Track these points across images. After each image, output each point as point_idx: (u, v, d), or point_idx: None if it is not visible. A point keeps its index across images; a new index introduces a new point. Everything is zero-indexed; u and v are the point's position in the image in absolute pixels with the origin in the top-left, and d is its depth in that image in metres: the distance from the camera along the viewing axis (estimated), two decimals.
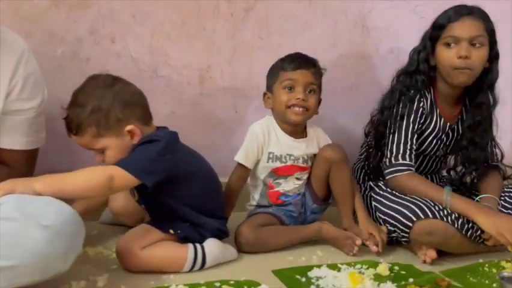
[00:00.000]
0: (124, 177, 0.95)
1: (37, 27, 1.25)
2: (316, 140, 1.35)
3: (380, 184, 1.40)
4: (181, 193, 1.07)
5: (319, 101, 1.33)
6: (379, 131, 1.39)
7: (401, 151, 1.29)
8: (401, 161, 1.28)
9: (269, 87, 1.31)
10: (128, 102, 1.02)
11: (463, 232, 1.19)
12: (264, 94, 1.32)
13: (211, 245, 1.11)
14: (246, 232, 1.19)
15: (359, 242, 1.21)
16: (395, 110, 1.33)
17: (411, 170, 1.28)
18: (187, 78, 1.44)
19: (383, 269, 1.14)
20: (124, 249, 1.03)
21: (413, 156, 1.29)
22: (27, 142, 1.00)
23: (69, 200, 0.91)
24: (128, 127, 1.01)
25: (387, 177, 1.30)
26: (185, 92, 1.45)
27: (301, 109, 1.26)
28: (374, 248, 1.23)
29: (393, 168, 1.29)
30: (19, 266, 0.76)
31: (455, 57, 1.23)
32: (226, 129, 1.52)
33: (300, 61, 1.27)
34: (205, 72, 1.45)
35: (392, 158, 1.29)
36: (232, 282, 1.04)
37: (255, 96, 1.52)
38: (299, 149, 1.31)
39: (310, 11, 1.54)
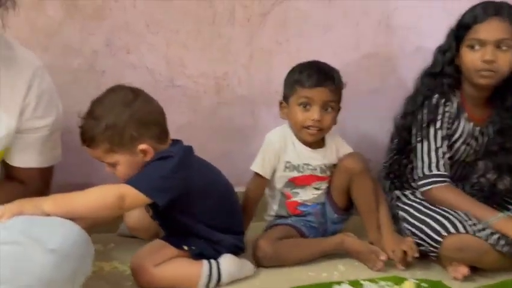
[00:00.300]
0: (135, 196, 0.94)
1: (53, 40, 1.26)
2: (335, 149, 1.29)
3: (407, 193, 1.33)
4: (195, 210, 1.05)
5: (338, 109, 1.27)
6: (403, 137, 1.32)
7: (434, 160, 1.22)
8: (435, 172, 1.21)
9: (285, 98, 1.26)
10: (145, 121, 1.00)
11: (498, 248, 1.10)
12: (280, 103, 1.27)
13: (227, 261, 1.08)
14: (264, 246, 1.15)
15: (383, 257, 1.15)
16: (419, 116, 1.25)
17: (447, 181, 1.21)
18: (204, 87, 1.41)
19: (408, 286, 1.08)
20: (138, 266, 1.02)
21: (447, 165, 1.22)
22: (41, 160, 1.00)
23: None
24: (142, 146, 0.99)
25: (420, 190, 1.24)
26: (202, 101, 1.42)
27: (315, 130, 1.21)
28: (398, 266, 1.16)
29: (427, 180, 1.22)
30: None
31: (479, 61, 1.15)
32: (245, 137, 1.48)
33: (318, 77, 1.20)
34: (221, 80, 1.42)
35: (425, 169, 1.22)
36: None
37: (274, 103, 1.45)
38: (316, 159, 1.26)
39: (330, 12, 1.47)
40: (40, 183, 1.01)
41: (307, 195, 1.27)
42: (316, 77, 1.20)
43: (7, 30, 1.05)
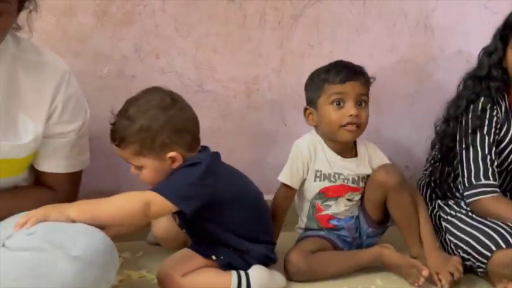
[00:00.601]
0: (161, 204, 0.91)
1: (84, 46, 1.26)
2: (368, 158, 1.21)
3: (450, 203, 1.25)
4: (223, 218, 1.00)
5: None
6: (445, 143, 1.24)
7: (482, 169, 1.13)
8: (483, 181, 1.13)
9: (311, 102, 1.18)
10: (179, 129, 0.97)
11: None
12: (305, 110, 1.20)
13: (257, 273, 1.03)
14: (296, 260, 1.09)
15: (425, 272, 1.07)
16: (464, 121, 1.17)
17: (496, 191, 1.12)
18: (234, 92, 1.38)
19: None
20: (165, 276, 0.99)
21: (495, 174, 1.13)
22: (69, 165, 0.98)
23: None
24: (171, 154, 0.96)
25: (468, 200, 1.15)
26: (231, 106, 1.39)
27: (354, 126, 1.13)
28: (424, 273, 1.07)
29: (475, 190, 1.13)
30: None
31: None
32: (275, 143, 1.43)
33: (347, 72, 1.14)
34: (251, 85, 1.38)
35: (472, 178, 1.14)
36: None
37: None
38: (349, 169, 1.18)
39: (365, 13, 1.41)
40: (68, 188, 0.99)
41: (339, 207, 1.19)
42: (346, 71, 1.14)
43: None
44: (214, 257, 1.01)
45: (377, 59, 1.41)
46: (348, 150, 1.20)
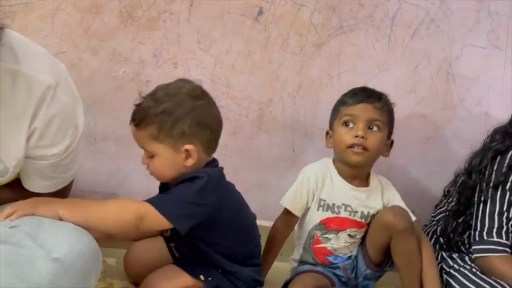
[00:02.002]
0: (156, 219, 0.86)
1: (104, 45, 1.25)
2: (381, 192, 1.17)
3: (454, 256, 1.20)
4: (217, 240, 0.96)
5: (390, 143, 1.17)
6: (464, 195, 1.19)
7: (496, 225, 1.09)
8: (495, 239, 1.08)
9: (330, 125, 1.19)
10: (203, 123, 0.93)
11: None
12: (327, 133, 1.19)
13: None
14: None
15: None
16: (487, 173, 1.13)
17: (507, 251, 1.08)
18: (246, 111, 1.36)
19: None
20: None
21: (509, 234, 1.09)
22: (52, 185, 0.89)
23: None
24: (188, 146, 0.91)
25: (475, 255, 1.11)
26: (242, 125, 1.36)
27: (360, 148, 1.09)
28: None
29: (485, 246, 1.09)
30: None
31: None
32: (281, 169, 1.40)
33: (362, 94, 1.14)
34: (265, 107, 1.36)
35: (484, 233, 1.10)
36: None
37: (316, 136, 1.39)
38: (358, 199, 1.14)
39: (388, 51, 1.40)
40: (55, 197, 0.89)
41: (339, 243, 1.14)
42: (360, 94, 1.14)
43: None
44: (202, 277, 0.97)
45: (395, 99, 1.37)
46: (361, 178, 1.16)
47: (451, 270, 1.16)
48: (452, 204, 1.26)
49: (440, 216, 1.30)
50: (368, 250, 1.15)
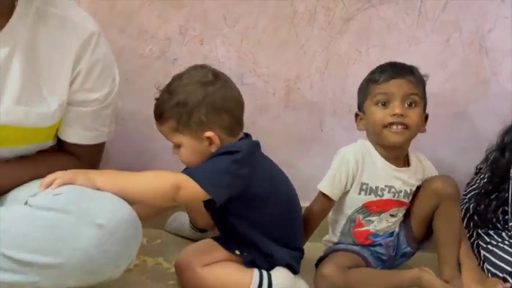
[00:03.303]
0: (192, 189, 0.86)
1: (129, 23, 1.24)
2: (422, 171, 1.14)
3: (491, 233, 1.17)
4: (252, 216, 0.95)
5: (426, 117, 1.12)
6: (497, 173, 1.16)
7: None
8: None
9: (360, 106, 1.13)
10: (217, 108, 0.92)
11: None
12: (356, 115, 1.14)
13: (280, 275, 0.97)
14: (332, 275, 1.00)
15: None
16: None
17: None
18: (273, 88, 1.34)
19: None
20: (184, 264, 0.94)
21: None
22: (91, 137, 0.92)
23: None
24: (208, 133, 0.92)
25: None
26: (269, 103, 1.34)
27: (400, 127, 1.04)
28: None
29: None
30: (65, 265, 0.69)
31: None
32: (309, 148, 1.38)
33: (392, 69, 1.07)
34: (292, 83, 1.34)
35: None
36: None
37: (345, 114, 1.36)
38: (401, 180, 1.10)
39: (419, 25, 1.36)
40: (90, 159, 0.94)
41: (381, 224, 1.11)
42: (390, 69, 1.07)
43: (81, 7, 1.03)
44: (238, 252, 0.96)
45: (425, 73, 1.35)
46: (400, 158, 1.13)
47: (489, 246, 1.13)
48: (484, 181, 1.23)
49: (472, 194, 1.27)
50: (411, 224, 1.12)
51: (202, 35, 1.27)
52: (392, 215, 1.11)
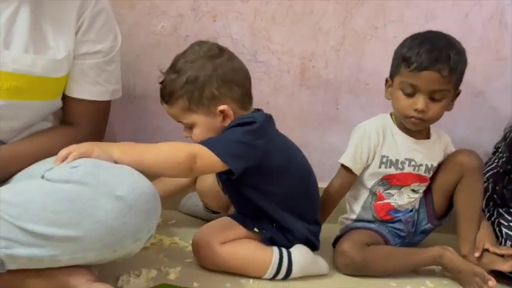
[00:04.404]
0: (209, 159, 0.84)
1: None
2: (443, 147, 1.12)
3: None
4: (269, 188, 0.93)
5: (457, 93, 1.09)
6: None
7: None
8: None
9: (391, 75, 1.09)
10: (228, 80, 0.90)
11: None
12: (386, 81, 1.11)
13: (300, 253, 0.95)
14: (352, 252, 0.99)
15: (492, 283, 0.96)
16: None
17: None
18: (287, 66, 1.30)
19: None
20: (202, 242, 0.91)
21: None
22: (97, 92, 0.91)
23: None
24: (222, 107, 0.89)
25: None
26: (283, 81, 1.31)
27: (418, 120, 1.03)
28: (490, 283, 0.97)
29: None
30: (84, 238, 0.67)
31: None
32: (325, 127, 1.35)
33: (430, 56, 0.99)
34: (307, 61, 1.30)
35: None
36: None
37: (362, 92, 1.33)
38: (421, 152, 1.08)
39: None
40: (93, 121, 0.93)
41: (402, 199, 1.09)
42: (426, 58, 0.99)
43: None
44: (256, 230, 0.93)
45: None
46: (421, 132, 1.10)
47: (511, 224, 1.11)
48: (503, 160, 1.20)
49: (490, 173, 1.24)
50: (433, 199, 1.10)
51: (215, 10, 1.24)
52: (413, 190, 1.09)
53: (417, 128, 1.08)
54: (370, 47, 1.31)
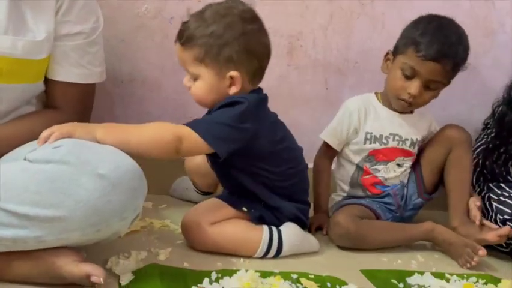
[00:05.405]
0: (195, 142, 0.82)
1: None
2: (428, 122, 1.14)
3: (502, 186, 1.15)
4: (256, 171, 0.92)
5: (444, 86, 1.10)
6: (504, 127, 1.13)
7: None
8: None
9: (395, 50, 1.08)
10: (251, 50, 0.87)
11: None
12: (387, 54, 1.10)
13: (290, 230, 0.94)
14: (346, 222, 0.99)
15: (483, 252, 0.96)
16: None
17: None
18: (275, 47, 1.24)
19: (507, 286, 0.89)
20: (191, 223, 0.90)
21: None
22: (79, 74, 0.90)
23: None
24: (233, 73, 0.86)
25: None
26: (271, 62, 1.28)
27: (407, 104, 1.06)
28: (480, 252, 0.97)
29: None
30: (68, 217, 0.65)
31: None
32: (314, 108, 1.34)
33: (441, 48, 1.00)
34: (295, 40, 1.29)
35: None
36: (312, 276, 0.86)
37: (350, 72, 1.32)
38: (406, 126, 1.10)
39: None
40: (78, 104, 0.91)
41: (388, 173, 1.10)
42: (436, 50, 1.00)
43: None
44: (245, 209, 0.93)
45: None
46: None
47: (501, 198, 1.12)
48: (492, 136, 1.20)
49: (480, 149, 1.24)
50: (423, 174, 1.12)
51: None
52: (398, 165, 1.10)
53: (403, 110, 1.10)
54: (358, 25, 1.30)
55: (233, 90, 0.88)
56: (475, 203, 1.05)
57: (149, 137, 0.80)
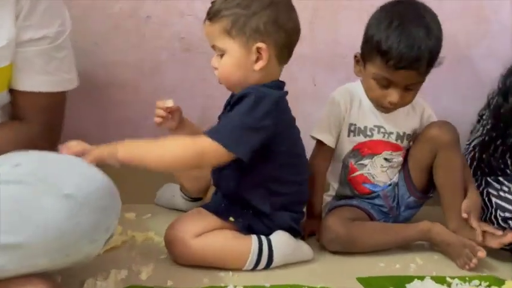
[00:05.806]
0: (217, 151, 0.80)
1: None
2: (419, 112, 1.07)
3: (501, 180, 1.10)
4: (270, 173, 0.88)
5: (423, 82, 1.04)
6: (500, 118, 1.08)
7: None
8: None
9: (363, 57, 1.01)
10: (280, 23, 0.85)
11: None
12: (355, 56, 1.04)
13: (280, 239, 0.89)
14: (336, 226, 0.94)
15: (482, 253, 0.91)
16: None
17: None
18: None
19: (511, 287, 0.85)
20: (174, 236, 0.85)
21: None
22: (46, 82, 0.83)
23: None
24: (260, 44, 0.83)
25: None
26: None
27: (392, 107, 1.00)
28: (479, 254, 0.93)
29: None
30: (27, 244, 0.59)
31: None
32: (303, 104, 1.28)
33: (410, 56, 0.92)
34: None
35: None
36: None
37: (338, 66, 1.27)
38: (390, 120, 1.04)
39: None
40: (47, 116, 0.85)
41: (375, 168, 1.04)
42: (406, 57, 0.92)
43: None
44: (232, 219, 0.87)
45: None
46: None
47: (501, 193, 1.07)
48: (488, 128, 1.15)
49: (476, 142, 1.20)
50: (410, 173, 1.05)
51: None
52: (386, 159, 1.05)
53: (389, 112, 1.04)
54: (344, 18, 1.24)
55: (259, 65, 0.85)
56: (465, 210, 1.00)
57: (170, 157, 0.80)
